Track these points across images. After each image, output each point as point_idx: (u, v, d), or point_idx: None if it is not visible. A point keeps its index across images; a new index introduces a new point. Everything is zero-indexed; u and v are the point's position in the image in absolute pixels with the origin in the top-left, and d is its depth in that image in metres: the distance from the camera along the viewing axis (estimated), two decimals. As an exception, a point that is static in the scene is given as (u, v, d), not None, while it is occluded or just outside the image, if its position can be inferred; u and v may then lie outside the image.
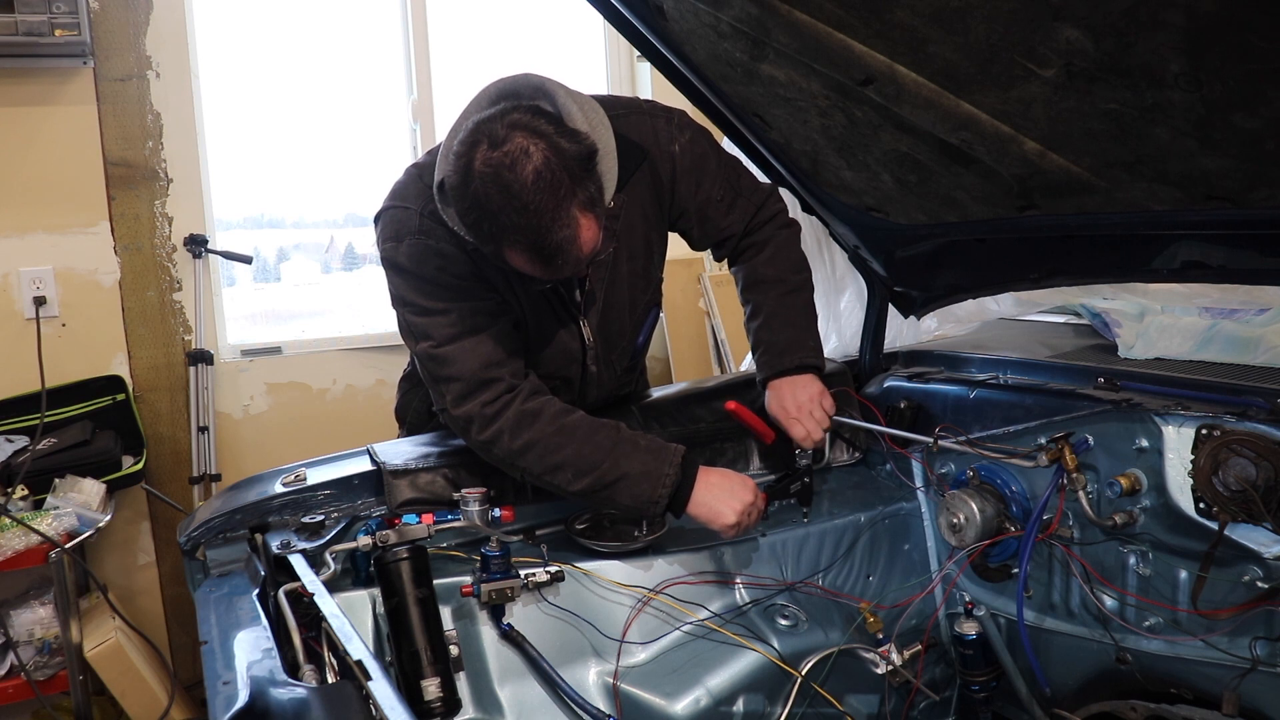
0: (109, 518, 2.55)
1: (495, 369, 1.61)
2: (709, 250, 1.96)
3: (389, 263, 1.64)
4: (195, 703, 2.77)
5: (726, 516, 1.61)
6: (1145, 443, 1.43)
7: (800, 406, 1.80)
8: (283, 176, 3.57)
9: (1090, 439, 1.49)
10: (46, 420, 2.72)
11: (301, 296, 3.81)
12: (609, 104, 1.64)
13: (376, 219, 1.68)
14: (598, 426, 1.64)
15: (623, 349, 1.90)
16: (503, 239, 1.42)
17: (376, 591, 1.43)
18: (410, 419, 2.06)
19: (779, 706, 1.53)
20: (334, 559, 1.45)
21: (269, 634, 1.27)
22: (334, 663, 1.22)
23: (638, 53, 2.62)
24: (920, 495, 1.85)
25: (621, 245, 1.76)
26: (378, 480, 1.66)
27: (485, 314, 1.63)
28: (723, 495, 1.62)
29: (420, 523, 1.46)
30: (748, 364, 2.96)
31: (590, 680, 1.51)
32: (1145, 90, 1.12)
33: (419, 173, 1.66)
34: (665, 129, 1.77)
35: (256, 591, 1.42)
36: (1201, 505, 1.36)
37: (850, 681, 1.64)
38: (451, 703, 1.35)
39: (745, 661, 1.56)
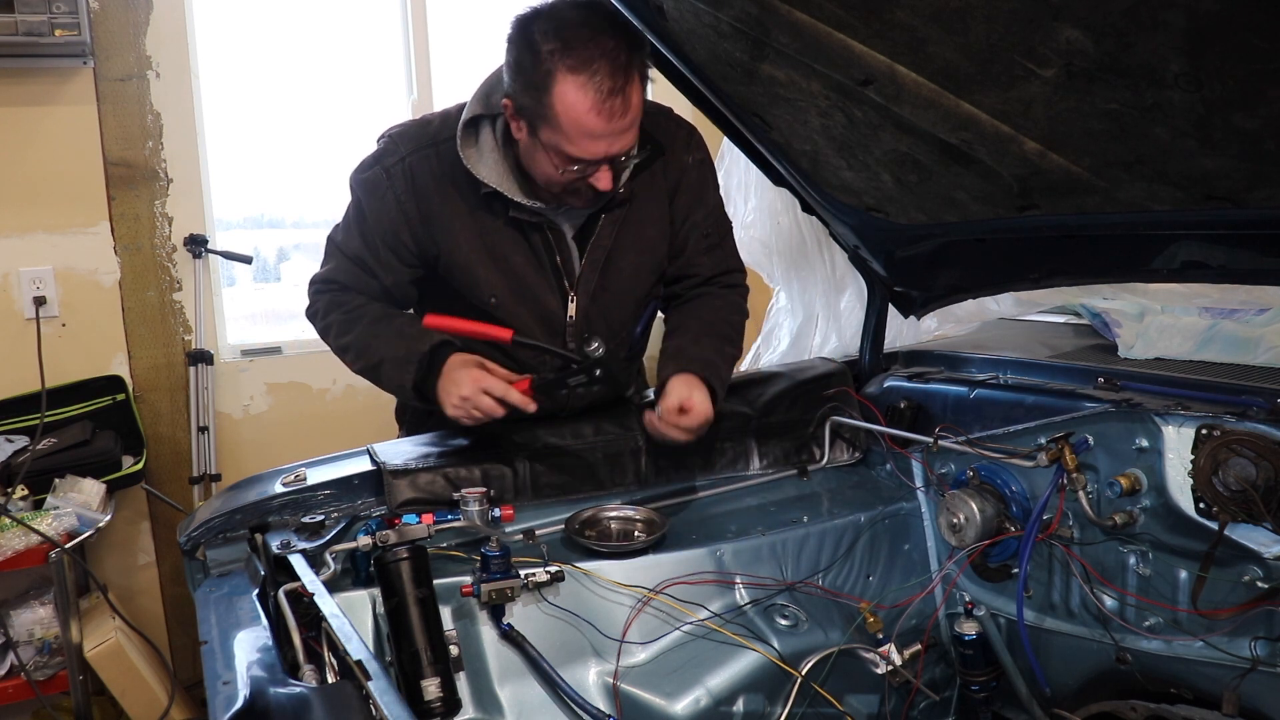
0: (109, 518, 2.55)
1: (334, 283, 1.81)
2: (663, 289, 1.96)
3: (351, 180, 1.81)
4: (195, 703, 2.77)
5: (445, 408, 1.66)
6: (1145, 443, 1.43)
7: (691, 407, 1.66)
8: (283, 176, 3.56)
9: (1090, 439, 1.49)
10: (46, 420, 2.72)
11: (301, 296, 3.80)
12: None
13: (377, 141, 1.81)
14: (382, 315, 1.77)
15: (621, 339, 1.91)
16: (564, 63, 1.48)
17: (376, 591, 1.43)
18: (409, 418, 2.06)
19: (779, 706, 1.53)
20: (334, 559, 1.45)
21: (269, 634, 1.27)
22: (334, 663, 1.22)
23: (638, 53, 2.60)
24: (920, 495, 1.85)
25: (632, 235, 1.79)
26: (378, 480, 1.66)
27: (365, 255, 1.77)
28: (448, 386, 1.66)
29: (420, 523, 1.46)
30: (747, 364, 2.97)
31: (590, 680, 1.51)
32: (1145, 90, 1.12)
33: (427, 122, 1.78)
34: (684, 139, 1.84)
35: (256, 591, 1.42)
36: (1201, 505, 1.36)
37: (850, 681, 1.64)
38: (451, 703, 1.35)
39: (745, 661, 1.55)
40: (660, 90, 1.87)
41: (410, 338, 1.71)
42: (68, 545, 2.35)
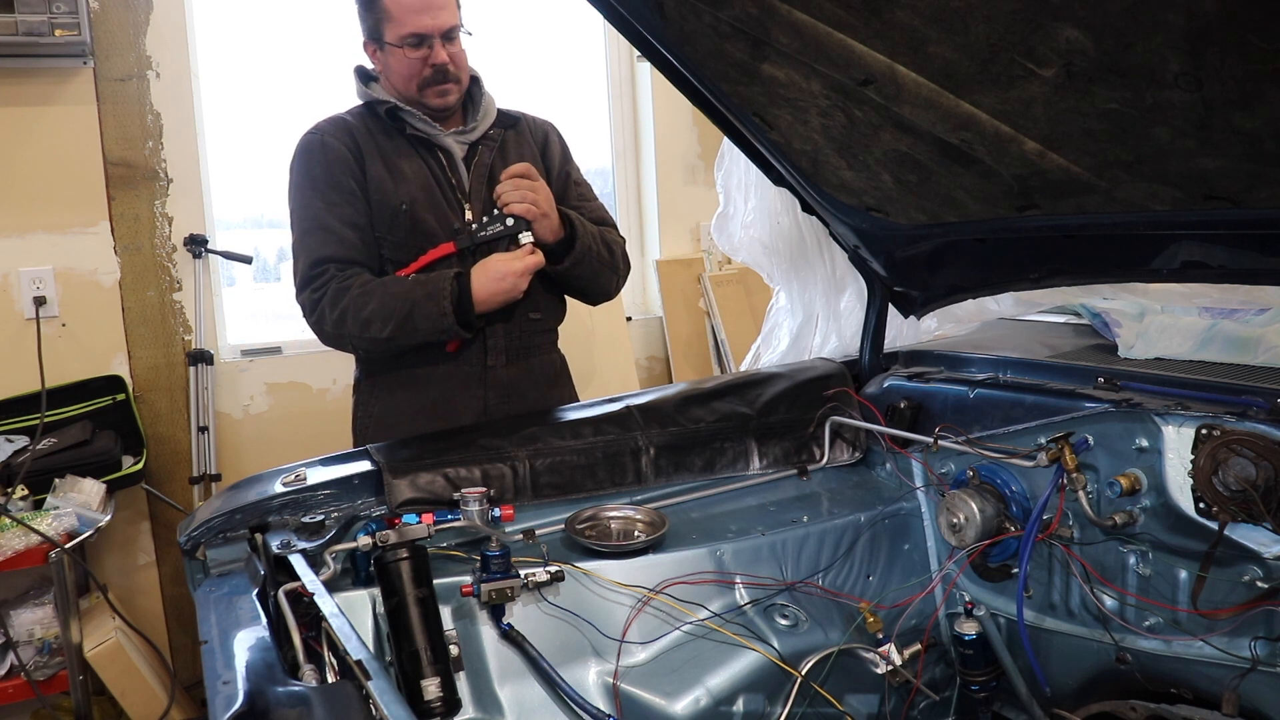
0: (109, 518, 2.55)
1: (323, 264, 1.96)
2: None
3: (290, 167, 2.11)
4: (195, 703, 2.77)
5: (500, 295, 1.92)
6: (1145, 443, 1.43)
7: (537, 194, 1.96)
8: (283, 177, 3.55)
9: (1090, 439, 1.49)
10: (46, 420, 2.72)
11: (301, 297, 3.80)
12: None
13: None
14: (394, 281, 1.95)
15: None
16: None
17: (376, 591, 1.43)
18: (359, 427, 2.15)
19: (779, 706, 1.53)
20: (334, 559, 1.45)
21: (269, 634, 1.27)
22: (334, 663, 1.22)
23: (638, 53, 2.62)
24: (920, 495, 1.85)
25: (511, 158, 2.09)
26: (378, 480, 1.66)
27: (334, 213, 1.99)
28: (494, 275, 1.91)
29: (420, 523, 1.46)
30: (748, 364, 2.97)
31: (590, 680, 1.51)
32: (1145, 90, 1.12)
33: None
34: (541, 120, 2.24)
35: (256, 591, 1.42)
36: (1201, 505, 1.36)
37: (850, 681, 1.64)
38: (451, 703, 1.35)
39: (745, 661, 1.56)
40: (660, 90, 1.87)
41: (426, 281, 1.92)
42: (68, 545, 2.35)
